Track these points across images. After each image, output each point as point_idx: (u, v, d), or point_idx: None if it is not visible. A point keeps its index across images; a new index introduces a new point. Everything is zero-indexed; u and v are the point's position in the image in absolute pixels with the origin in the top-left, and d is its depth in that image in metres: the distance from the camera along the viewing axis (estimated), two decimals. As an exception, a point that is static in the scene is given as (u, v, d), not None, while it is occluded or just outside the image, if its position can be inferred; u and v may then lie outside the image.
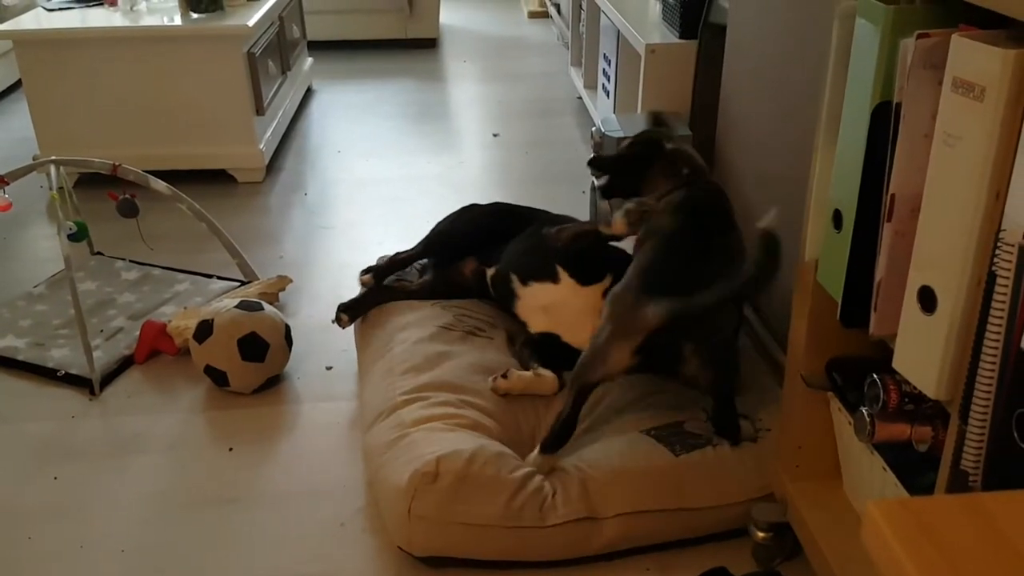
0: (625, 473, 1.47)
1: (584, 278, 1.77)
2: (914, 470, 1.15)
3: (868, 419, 1.12)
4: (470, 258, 2.01)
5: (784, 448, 1.41)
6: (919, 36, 0.95)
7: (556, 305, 1.78)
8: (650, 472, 1.48)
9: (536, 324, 1.81)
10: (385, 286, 2.06)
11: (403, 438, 1.54)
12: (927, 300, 0.95)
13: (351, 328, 2.05)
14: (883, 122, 1.03)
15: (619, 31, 2.83)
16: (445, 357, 1.75)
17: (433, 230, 2.10)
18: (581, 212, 2.71)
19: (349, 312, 2.00)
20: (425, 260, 2.12)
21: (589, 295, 1.76)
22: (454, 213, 2.12)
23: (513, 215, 2.04)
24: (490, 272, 1.93)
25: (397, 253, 2.11)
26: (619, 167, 1.86)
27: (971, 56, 0.87)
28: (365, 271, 2.10)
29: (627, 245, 1.75)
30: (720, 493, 1.49)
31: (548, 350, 1.77)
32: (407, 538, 1.45)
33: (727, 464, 1.51)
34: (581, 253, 1.79)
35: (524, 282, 1.82)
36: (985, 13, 0.86)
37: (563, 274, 1.78)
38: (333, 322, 2.00)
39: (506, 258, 1.91)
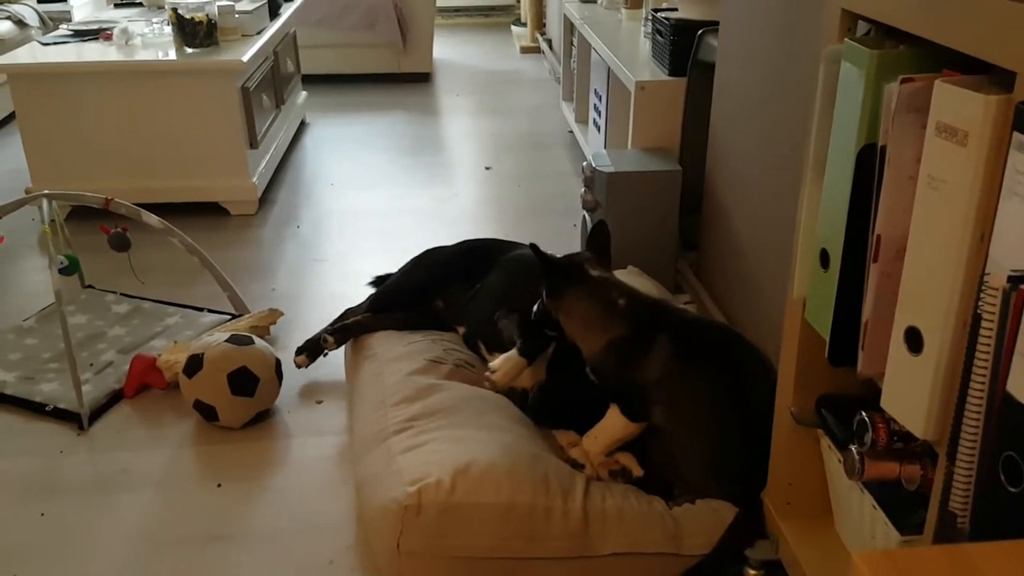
0: (627, 513, 1.48)
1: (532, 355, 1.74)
2: (904, 508, 1.15)
3: (857, 457, 1.12)
4: (438, 299, 2.03)
5: (775, 485, 1.40)
6: (903, 81, 0.96)
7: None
8: (650, 515, 1.49)
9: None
10: (374, 316, 2.05)
11: (391, 465, 1.54)
12: (914, 341, 0.96)
13: (342, 362, 2.04)
14: (868, 164, 1.04)
15: (609, 67, 2.86)
16: (436, 389, 1.75)
17: (384, 286, 2.12)
18: (572, 245, 2.73)
19: (336, 335, 2.00)
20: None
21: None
22: (406, 266, 2.13)
23: (475, 251, 2.05)
24: (461, 331, 1.96)
25: (346, 312, 2.12)
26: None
27: (954, 101, 0.88)
28: (299, 351, 2.06)
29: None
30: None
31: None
32: (398, 573, 1.44)
33: (721, 513, 1.50)
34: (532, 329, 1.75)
35: (489, 351, 1.86)
36: (968, 59, 0.87)
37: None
38: (322, 347, 2.02)
39: (473, 320, 1.93)
